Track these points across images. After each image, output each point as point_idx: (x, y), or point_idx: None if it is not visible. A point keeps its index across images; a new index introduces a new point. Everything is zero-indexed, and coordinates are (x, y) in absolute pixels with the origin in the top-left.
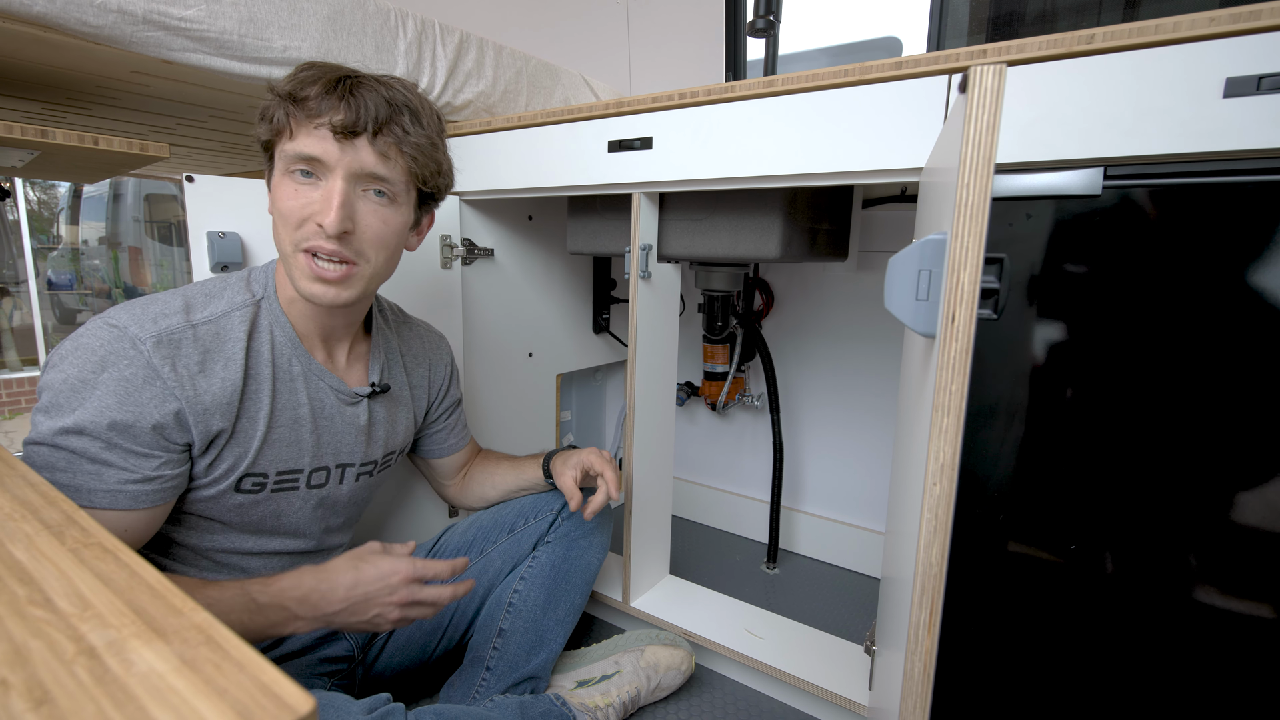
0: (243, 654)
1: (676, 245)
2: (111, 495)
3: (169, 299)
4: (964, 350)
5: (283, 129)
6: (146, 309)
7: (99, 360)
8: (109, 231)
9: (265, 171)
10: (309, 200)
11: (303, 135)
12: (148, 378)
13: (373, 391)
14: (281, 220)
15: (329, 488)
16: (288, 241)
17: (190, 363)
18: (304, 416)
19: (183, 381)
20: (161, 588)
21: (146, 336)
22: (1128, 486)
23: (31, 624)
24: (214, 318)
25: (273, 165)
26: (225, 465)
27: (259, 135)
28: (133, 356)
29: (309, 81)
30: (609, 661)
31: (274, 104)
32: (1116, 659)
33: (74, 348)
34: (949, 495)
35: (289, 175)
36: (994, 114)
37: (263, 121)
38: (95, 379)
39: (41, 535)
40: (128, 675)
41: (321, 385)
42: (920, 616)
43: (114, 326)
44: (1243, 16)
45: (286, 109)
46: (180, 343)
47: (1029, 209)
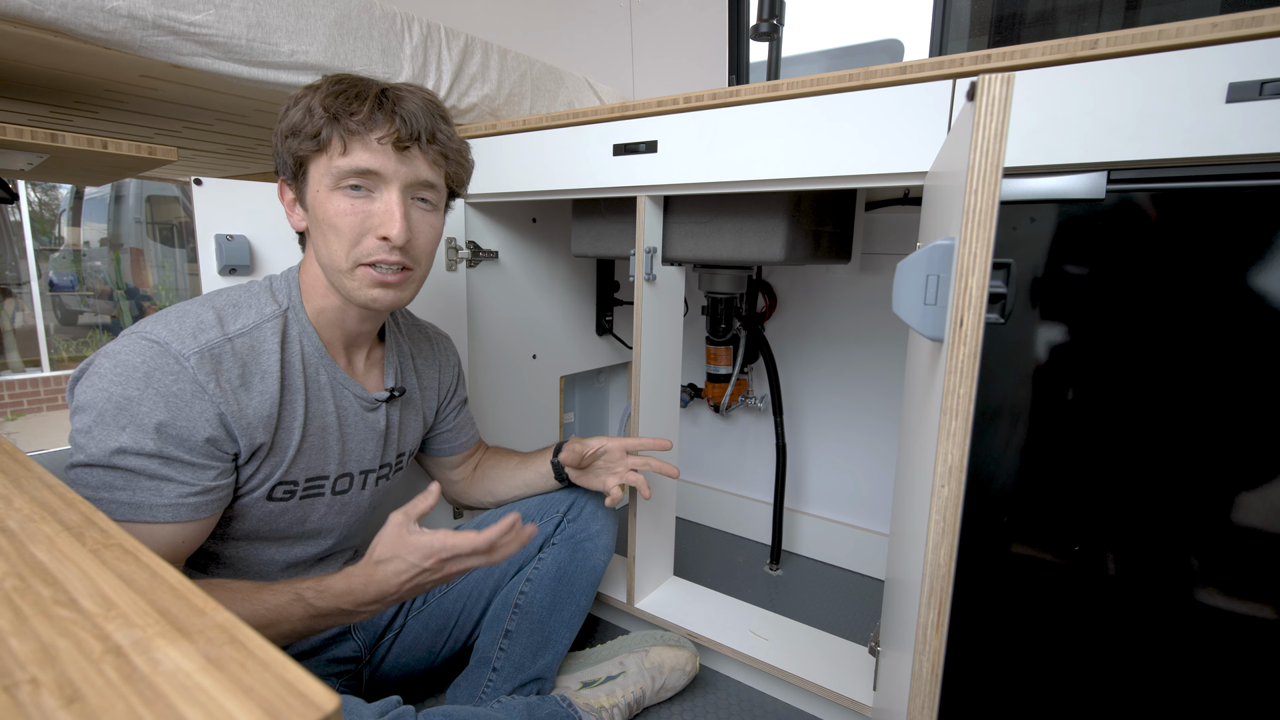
0: (266, 653)
1: (681, 248)
2: (174, 509)
3: (200, 311)
4: (972, 354)
5: (328, 144)
6: (182, 323)
7: (143, 376)
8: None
9: (290, 185)
10: (367, 213)
11: (357, 149)
12: (195, 392)
13: (390, 396)
14: (335, 235)
15: (351, 494)
16: (343, 257)
17: (232, 376)
18: (331, 425)
19: (227, 396)
20: (183, 588)
21: (189, 352)
22: (1131, 488)
23: (58, 624)
24: (247, 329)
25: (305, 179)
26: (262, 475)
27: (293, 150)
28: (178, 372)
29: (353, 96)
30: (614, 662)
31: (317, 120)
32: (1120, 660)
33: (113, 365)
34: (957, 497)
35: (339, 190)
36: (1002, 122)
37: (299, 138)
38: (142, 395)
39: (62, 536)
40: (155, 674)
41: (346, 393)
42: (929, 617)
43: (154, 342)
44: (1245, 22)
45: (335, 124)
46: (221, 357)
47: (1033, 213)
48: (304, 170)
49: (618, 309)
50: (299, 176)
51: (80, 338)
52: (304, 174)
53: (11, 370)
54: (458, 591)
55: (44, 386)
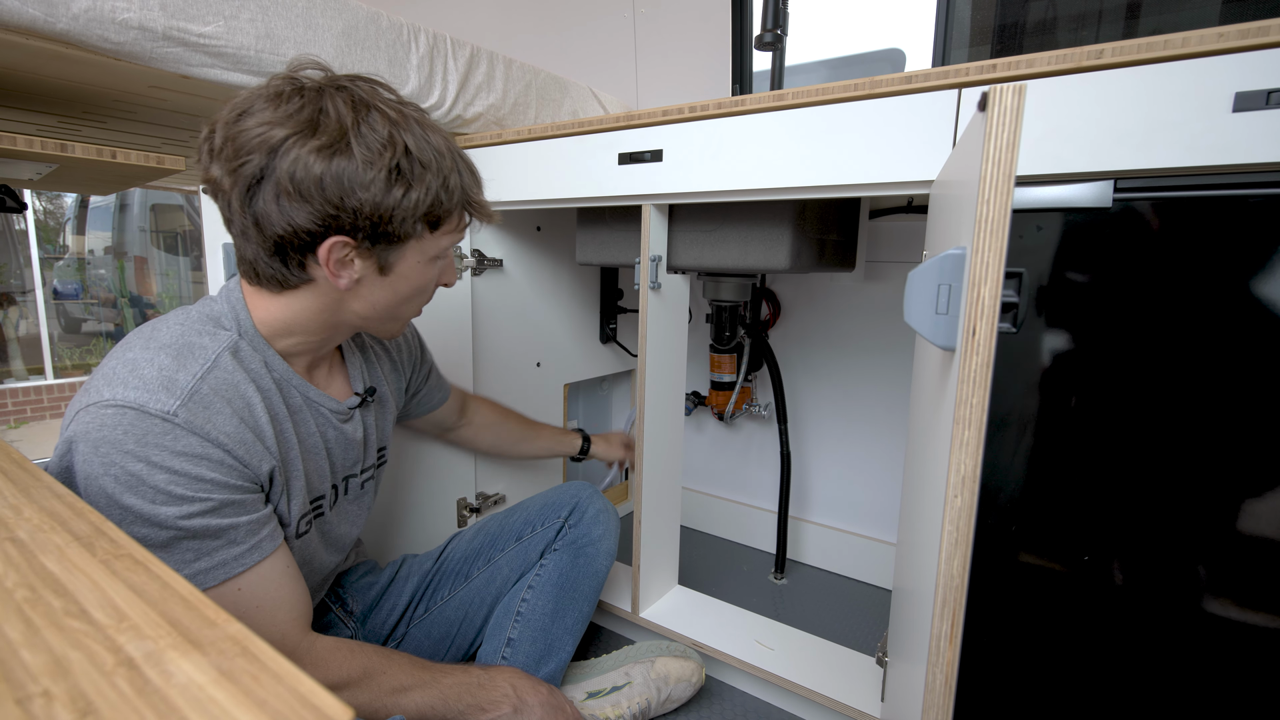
0: (279, 665)
1: (686, 256)
2: (268, 540)
3: (154, 359)
4: (985, 364)
5: (448, 219)
6: (142, 378)
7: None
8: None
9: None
10: (440, 268)
11: (467, 226)
12: (200, 445)
13: (363, 400)
14: (420, 296)
15: (350, 499)
16: (412, 311)
17: (222, 419)
18: (318, 444)
19: (230, 437)
20: (194, 599)
21: (173, 408)
22: (1140, 497)
23: (70, 635)
24: (208, 366)
25: (399, 249)
26: (283, 510)
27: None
28: (172, 432)
29: (475, 174)
30: (619, 673)
31: (455, 201)
32: (1130, 670)
33: (94, 449)
34: (970, 507)
35: (437, 258)
36: (1014, 132)
37: (428, 217)
38: (148, 471)
39: (72, 547)
40: (168, 686)
41: (321, 410)
42: (942, 628)
43: (126, 408)
44: (1251, 32)
45: (466, 204)
46: (204, 401)
47: (1040, 221)
48: (401, 239)
49: (621, 317)
50: (386, 242)
51: (84, 345)
52: (398, 243)
53: (15, 378)
54: (460, 599)
55: (47, 394)
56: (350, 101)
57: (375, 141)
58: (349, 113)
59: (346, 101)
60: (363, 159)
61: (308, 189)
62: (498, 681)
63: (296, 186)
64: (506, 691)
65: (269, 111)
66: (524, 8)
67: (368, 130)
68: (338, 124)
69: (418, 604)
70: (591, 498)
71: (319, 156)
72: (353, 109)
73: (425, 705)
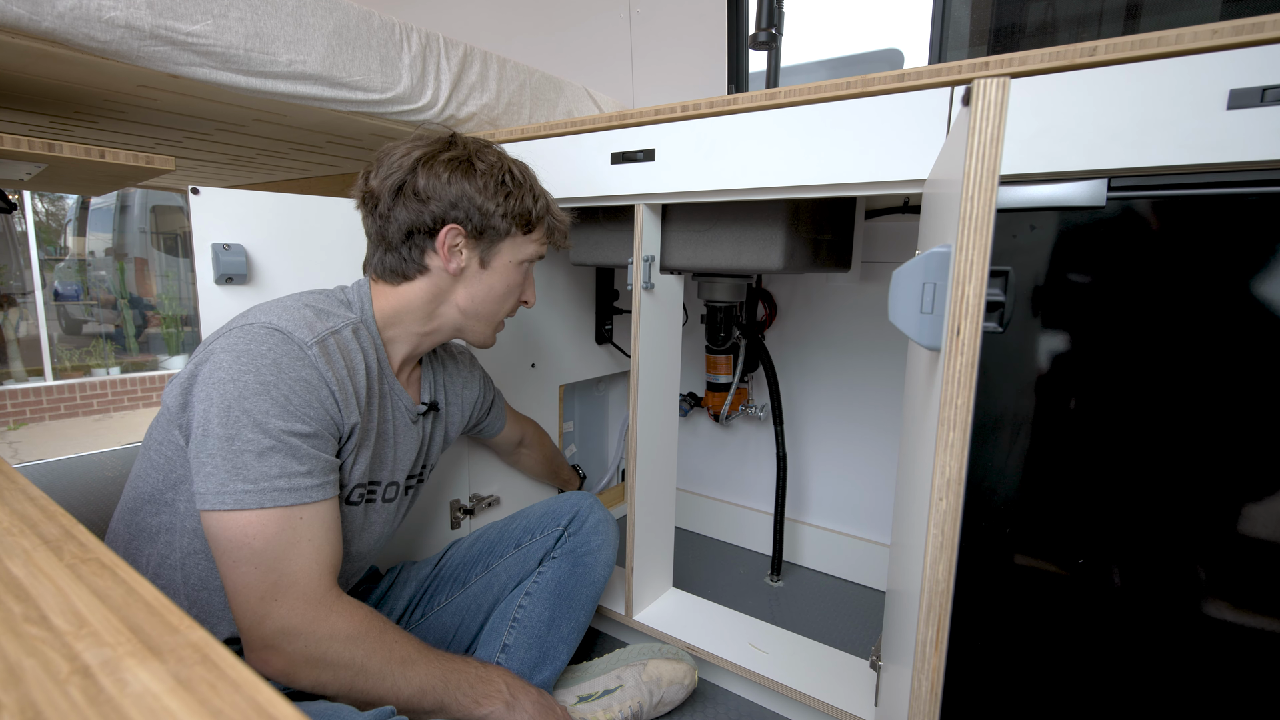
0: (239, 673)
1: (679, 256)
2: (327, 485)
3: (300, 308)
4: (969, 364)
5: (535, 230)
6: (292, 316)
7: (273, 363)
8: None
9: (469, 238)
10: (523, 280)
11: (549, 241)
12: (319, 379)
13: (427, 410)
14: (508, 297)
15: (395, 502)
16: (504, 310)
17: (340, 369)
18: (389, 431)
19: (342, 385)
20: (158, 604)
21: (310, 341)
22: (1135, 499)
23: (26, 642)
24: (338, 329)
25: (496, 246)
26: (348, 472)
27: (503, 225)
28: (304, 359)
29: (557, 206)
30: (611, 676)
31: (540, 212)
32: (1126, 674)
33: (236, 357)
34: (956, 510)
35: (522, 265)
36: (998, 126)
37: (519, 219)
38: (278, 380)
39: (39, 550)
40: (121, 695)
41: (399, 404)
42: (927, 634)
43: (276, 329)
44: (1246, 29)
45: (549, 222)
46: (331, 350)
47: (1033, 221)
48: (498, 238)
49: (617, 318)
50: (486, 237)
51: (83, 347)
52: (495, 240)
53: (15, 379)
54: (456, 604)
55: (47, 396)
56: (472, 139)
57: (487, 161)
58: (471, 145)
59: (469, 139)
60: (480, 171)
61: (439, 189)
62: (493, 677)
63: (431, 185)
64: (500, 688)
65: (413, 145)
66: (520, 8)
67: (484, 155)
68: (464, 148)
69: (415, 609)
70: (592, 507)
71: (447, 167)
72: (474, 142)
73: (427, 682)
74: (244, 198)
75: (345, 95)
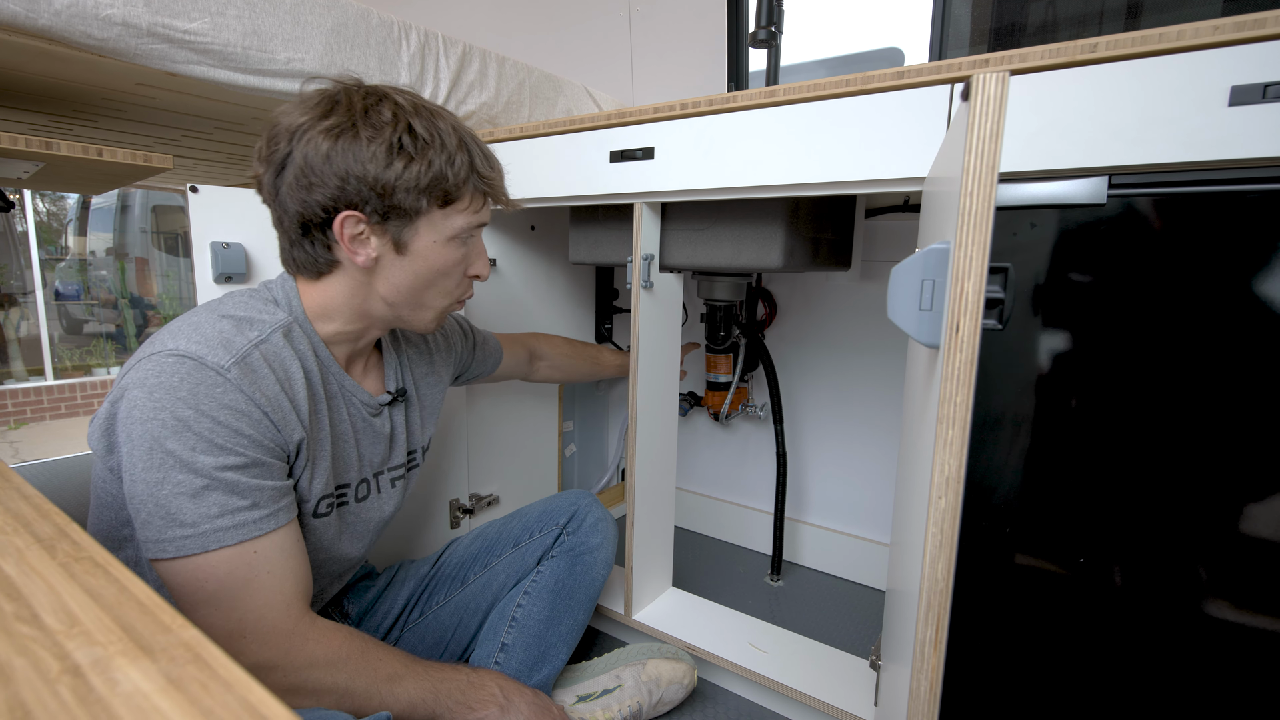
0: (230, 673)
1: (679, 255)
2: (283, 511)
3: (215, 322)
4: (969, 361)
5: (459, 199)
6: (204, 334)
7: (188, 395)
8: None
9: (374, 224)
10: (466, 255)
11: (486, 208)
12: (245, 402)
13: (393, 399)
14: (444, 280)
15: (371, 499)
16: (448, 296)
17: (269, 384)
18: (348, 432)
19: (271, 402)
20: (150, 603)
21: (228, 363)
22: (1136, 498)
23: (17, 641)
24: (264, 337)
25: (412, 226)
26: (304, 487)
27: (414, 202)
28: (223, 384)
29: (488, 157)
30: (610, 675)
31: (461, 176)
32: (1126, 673)
33: (148, 393)
34: (955, 509)
35: (456, 240)
36: (997, 122)
37: (432, 192)
38: (196, 416)
39: (33, 549)
40: (112, 695)
41: (354, 400)
42: (926, 633)
43: (186, 357)
44: (1247, 25)
45: (478, 183)
46: (255, 365)
47: (1033, 218)
48: (410, 217)
49: (617, 317)
50: (394, 219)
51: (84, 346)
52: (407, 220)
53: (15, 379)
54: (455, 604)
55: (47, 395)
56: (364, 93)
57: (378, 121)
58: (360, 101)
59: (360, 94)
60: (366, 136)
61: (318, 166)
62: (485, 682)
63: (309, 165)
64: (493, 692)
65: (296, 109)
66: (519, 6)
67: (374, 114)
68: (347, 109)
69: (413, 608)
70: (590, 506)
71: (327, 137)
72: (364, 98)
73: (417, 696)
74: (243, 196)
75: None
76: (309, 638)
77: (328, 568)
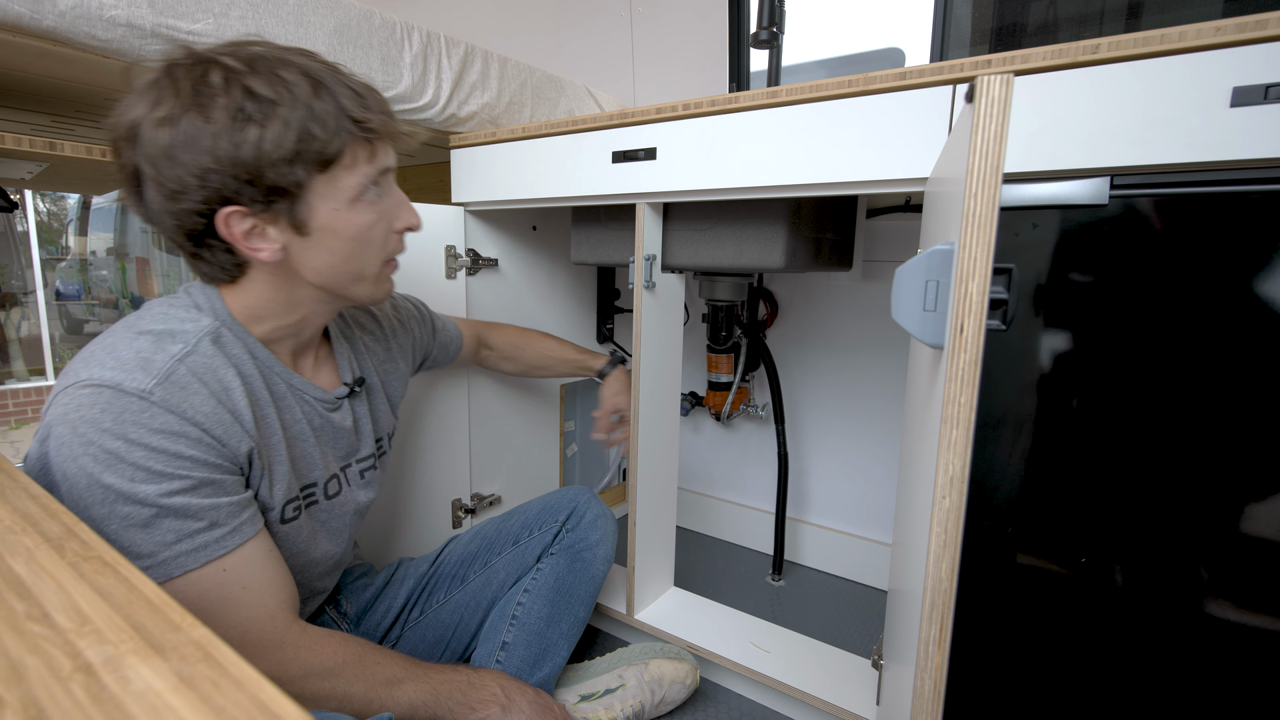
0: (241, 671)
1: (680, 255)
2: (248, 524)
3: (132, 341)
4: (973, 361)
5: (340, 156)
6: (120, 358)
7: (112, 427)
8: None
9: (257, 214)
10: (384, 210)
11: (380, 151)
12: (178, 424)
13: (351, 391)
14: (366, 247)
15: (344, 493)
16: (376, 260)
17: (199, 399)
18: (305, 431)
19: (207, 417)
20: (160, 601)
21: (149, 386)
22: (1138, 498)
23: (29, 640)
24: (189, 349)
25: (303, 202)
26: (265, 496)
27: (287, 177)
28: (148, 409)
29: (357, 94)
30: (613, 675)
31: (330, 132)
32: (1128, 673)
33: (72, 430)
34: (959, 509)
35: (363, 201)
36: (1001, 124)
37: (301, 162)
38: (127, 448)
39: (42, 549)
40: (124, 693)
41: (307, 398)
42: (930, 633)
43: (103, 386)
44: (1249, 26)
45: (352, 130)
46: (181, 381)
47: (1035, 219)
48: (294, 195)
49: (619, 316)
50: (282, 200)
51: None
52: (295, 199)
53: (16, 379)
54: (455, 602)
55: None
56: (189, 65)
57: (209, 92)
58: (185, 76)
59: (185, 67)
60: (203, 116)
61: (166, 168)
62: (486, 682)
63: (158, 169)
64: (495, 691)
65: (127, 103)
66: (521, 7)
67: (204, 87)
68: (174, 91)
69: (413, 607)
70: (589, 502)
71: (165, 130)
72: (189, 71)
73: (417, 699)
74: None
75: None
76: (300, 647)
77: (312, 569)
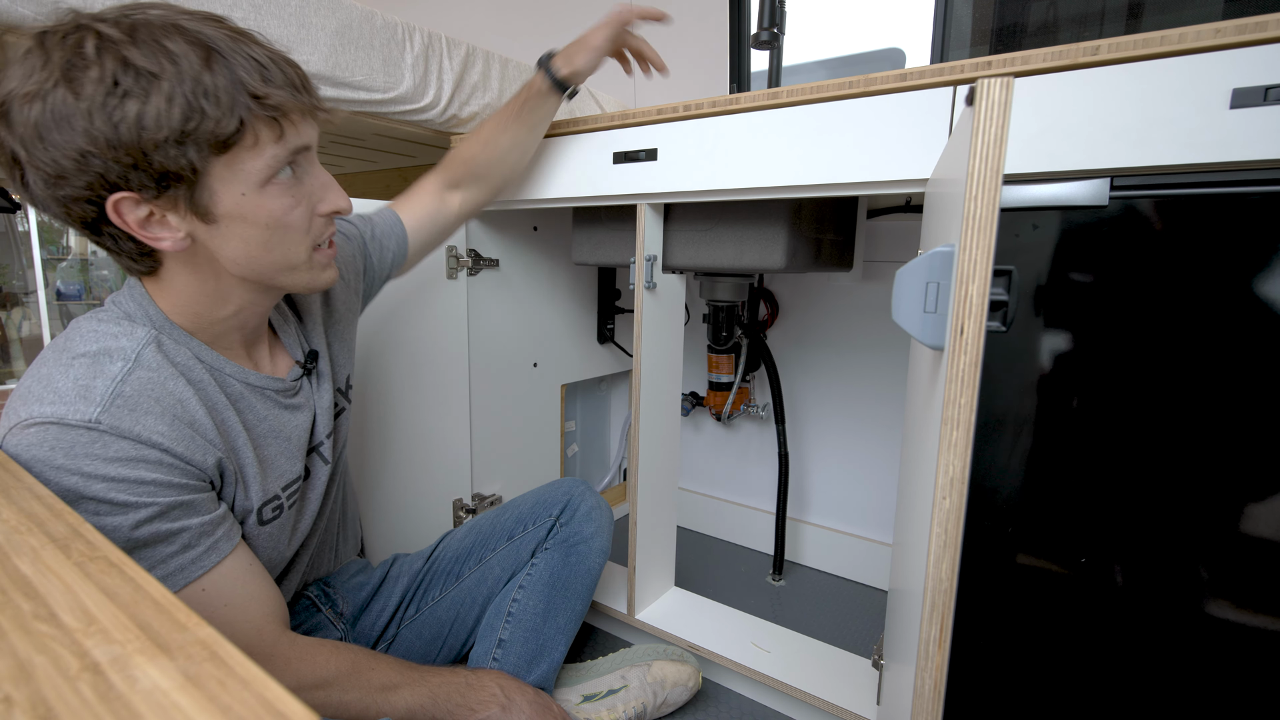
0: (247, 670)
1: (681, 256)
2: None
3: (67, 370)
4: (973, 363)
5: (244, 135)
6: (57, 390)
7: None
8: None
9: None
10: (304, 195)
11: (290, 129)
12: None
13: (306, 369)
14: (286, 233)
15: (323, 468)
16: (302, 251)
17: (150, 418)
18: (272, 429)
19: (165, 435)
20: (166, 601)
21: (94, 415)
22: (1138, 499)
23: (36, 639)
24: (128, 367)
25: (204, 187)
26: (241, 503)
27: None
28: (98, 440)
29: (260, 66)
30: (615, 676)
31: (225, 107)
32: (1128, 673)
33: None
34: (959, 509)
35: (275, 184)
36: (1001, 126)
37: (196, 142)
38: (85, 483)
39: (47, 549)
40: (131, 692)
41: (265, 392)
42: (930, 633)
43: (46, 424)
44: (1249, 28)
45: (254, 106)
46: (128, 403)
47: (1035, 220)
48: (190, 180)
49: (619, 317)
50: (178, 184)
51: None
52: (197, 181)
53: (17, 379)
54: (451, 599)
55: None
56: (64, 33)
57: (81, 64)
58: (58, 45)
59: (59, 34)
60: (74, 90)
61: (39, 151)
62: (485, 682)
63: (31, 152)
64: (494, 691)
65: (7, 69)
66: (521, 8)
67: (78, 57)
68: (45, 61)
69: (408, 605)
70: (584, 494)
71: (29, 104)
72: (62, 39)
73: (415, 704)
74: None
75: (348, 95)
76: (291, 659)
77: (298, 555)
